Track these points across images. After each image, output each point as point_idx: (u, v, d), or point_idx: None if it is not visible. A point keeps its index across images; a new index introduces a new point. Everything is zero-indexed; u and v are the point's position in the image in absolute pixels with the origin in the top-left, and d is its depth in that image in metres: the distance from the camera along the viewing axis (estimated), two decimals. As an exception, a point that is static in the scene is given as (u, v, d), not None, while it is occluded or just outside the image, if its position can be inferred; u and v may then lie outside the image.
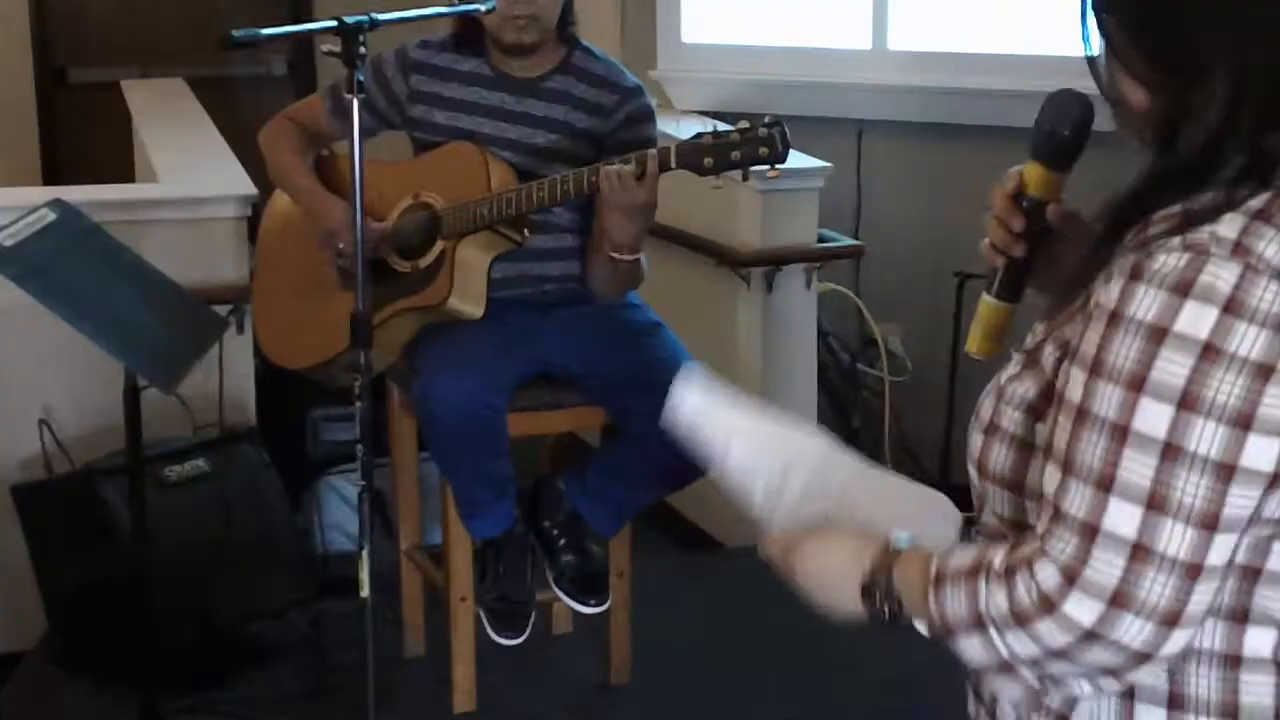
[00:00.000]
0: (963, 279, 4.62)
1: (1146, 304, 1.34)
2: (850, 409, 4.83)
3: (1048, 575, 1.36)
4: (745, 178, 3.07)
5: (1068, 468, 1.37)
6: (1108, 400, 1.34)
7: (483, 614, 3.43)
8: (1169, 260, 1.35)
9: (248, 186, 4.04)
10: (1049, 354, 1.45)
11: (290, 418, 4.26)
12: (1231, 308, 1.32)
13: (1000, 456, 1.48)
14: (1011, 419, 1.47)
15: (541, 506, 3.44)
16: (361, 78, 2.92)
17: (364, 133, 3.02)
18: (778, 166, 3.01)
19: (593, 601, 3.46)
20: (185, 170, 4.35)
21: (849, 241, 4.62)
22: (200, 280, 3.80)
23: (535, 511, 3.45)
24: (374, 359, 3.06)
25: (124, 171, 5.15)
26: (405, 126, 3.51)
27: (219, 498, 3.73)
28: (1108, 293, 1.36)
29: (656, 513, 4.06)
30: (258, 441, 3.93)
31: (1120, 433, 1.34)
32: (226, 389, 3.73)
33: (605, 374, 3.36)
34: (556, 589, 3.45)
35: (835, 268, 4.67)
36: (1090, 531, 1.34)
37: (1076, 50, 3.99)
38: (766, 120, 3.00)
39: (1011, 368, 1.50)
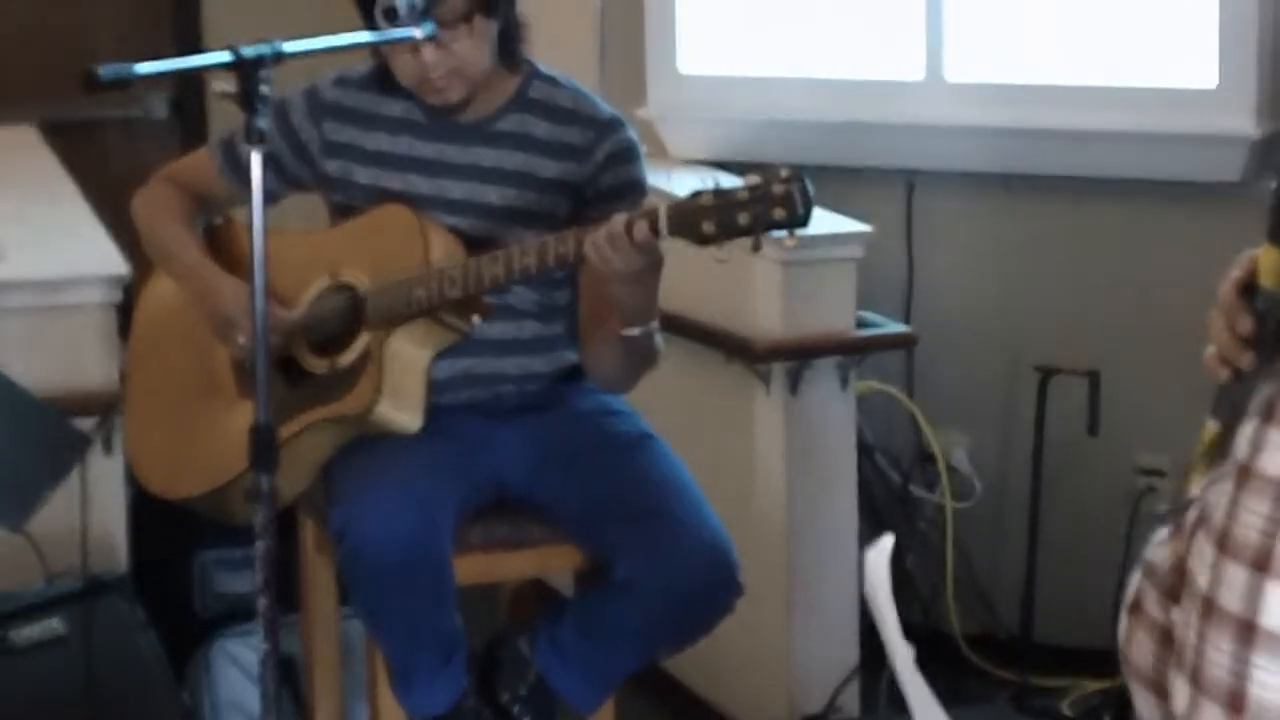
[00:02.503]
0: (1046, 375, 4.68)
1: (1279, 456, 1.35)
2: (902, 544, 4.85)
3: None
4: (757, 247, 3.10)
5: (1195, 680, 1.39)
6: (1233, 586, 1.36)
7: (423, 816, 3.47)
8: None
9: (118, 264, 4.09)
10: (1191, 518, 1.46)
11: (173, 563, 4.28)
12: None
13: (1143, 647, 1.49)
14: (1154, 600, 1.49)
15: (499, 674, 3.48)
16: (263, 125, 3.00)
17: (267, 195, 3.09)
18: (797, 233, 3.06)
19: (566, 799, 3.49)
20: (36, 244, 4.39)
21: (897, 328, 4.67)
22: (56, 385, 3.85)
23: (491, 681, 3.48)
24: (281, 484, 3.11)
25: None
26: (318, 187, 3.59)
27: (79, 668, 3.75)
28: (1240, 438, 1.39)
29: (648, 681, 4.09)
30: (130, 594, 3.96)
31: (1246, 631, 1.35)
32: (90, 526, 3.76)
33: (580, 501, 3.42)
34: (519, 783, 3.49)
35: (880, 362, 4.72)
36: None
37: (1183, 80, 4.11)
38: (783, 173, 3.04)
39: (1163, 531, 1.52)
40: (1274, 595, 1.34)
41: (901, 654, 1.80)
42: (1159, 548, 1.50)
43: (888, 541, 1.79)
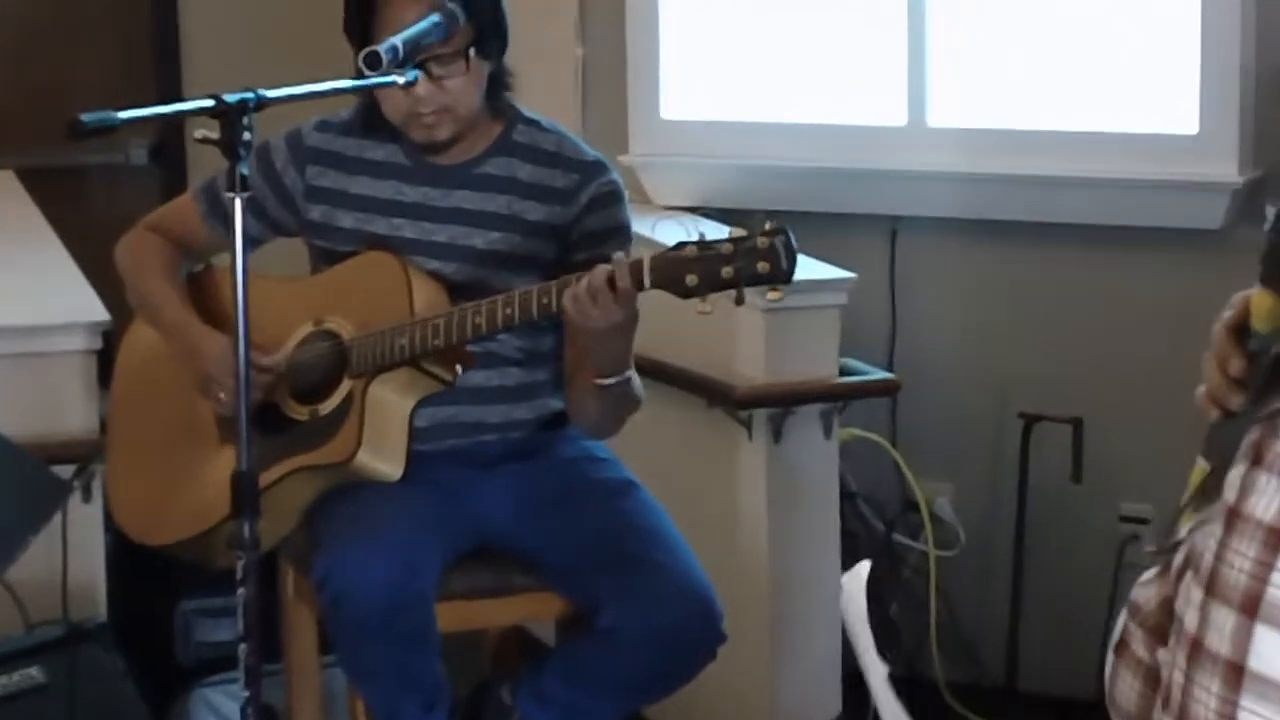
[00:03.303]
0: (1030, 421, 4.71)
1: (1266, 499, 1.38)
2: (886, 592, 4.86)
3: None
4: (740, 301, 3.11)
5: None
6: (1221, 628, 1.37)
7: None
8: None
9: (98, 311, 4.10)
10: (1178, 560, 1.48)
11: (154, 611, 4.29)
12: None
13: (1127, 687, 1.53)
14: (1140, 639, 1.52)
15: (482, 723, 3.50)
16: (246, 171, 3.03)
17: (250, 241, 3.11)
18: (780, 287, 3.08)
19: None
20: (16, 290, 4.41)
21: (881, 374, 4.68)
22: (36, 433, 3.86)
23: (474, 730, 3.51)
24: (263, 531, 3.12)
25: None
26: (302, 232, 3.62)
27: (58, 716, 3.74)
28: (1230, 482, 1.41)
29: (632, 730, 4.11)
30: (110, 642, 3.96)
31: (1235, 674, 1.36)
32: (71, 573, 3.76)
33: (563, 549, 3.44)
34: (502, 833, 3.50)
35: (863, 409, 4.74)
36: None
37: (1165, 126, 4.10)
38: (767, 226, 3.06)
39: (1149, 571, 1.55)
40: (1262, 638, 1.35)
41: (877, 672, 1.83)
42: (1144, 587, 1.53)
43: (864, 567, 1.82)
